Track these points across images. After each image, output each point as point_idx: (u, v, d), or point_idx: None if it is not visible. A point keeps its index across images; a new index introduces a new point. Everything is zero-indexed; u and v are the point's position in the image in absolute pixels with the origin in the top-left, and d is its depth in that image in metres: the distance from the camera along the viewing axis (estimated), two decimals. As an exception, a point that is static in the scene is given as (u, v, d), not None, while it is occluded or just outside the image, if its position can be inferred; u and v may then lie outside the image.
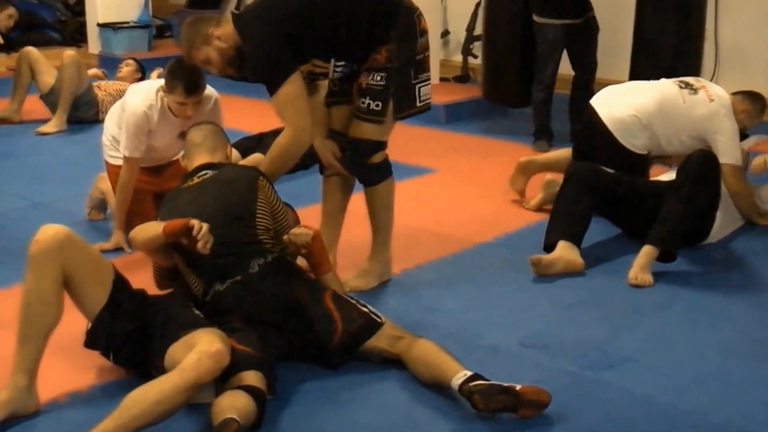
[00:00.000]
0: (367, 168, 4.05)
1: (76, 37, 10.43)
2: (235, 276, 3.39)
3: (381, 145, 4.03)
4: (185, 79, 4.24)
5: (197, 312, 3.29)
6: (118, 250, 4.55)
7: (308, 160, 5.75)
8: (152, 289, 3.59)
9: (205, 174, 3.68)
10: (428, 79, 4.08)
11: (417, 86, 4.02)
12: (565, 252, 4.25)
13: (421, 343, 3.27)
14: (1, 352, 3.22)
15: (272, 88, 3.73)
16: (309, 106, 3.81)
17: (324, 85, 4.11)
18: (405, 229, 4.73)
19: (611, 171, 4.57)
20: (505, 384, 3.00)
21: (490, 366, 3.27)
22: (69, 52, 7.19)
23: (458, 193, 5.64)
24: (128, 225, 4.50)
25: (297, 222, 3.94)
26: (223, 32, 3.81)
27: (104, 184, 4.95)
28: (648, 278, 4.12)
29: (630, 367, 3.43)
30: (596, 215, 4.57)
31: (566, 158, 5.07)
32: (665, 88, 4.81)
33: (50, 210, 5.25)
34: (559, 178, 4.82)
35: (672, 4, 5.96)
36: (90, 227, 4.94)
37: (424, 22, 4.01)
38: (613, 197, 4.51)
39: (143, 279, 3.67)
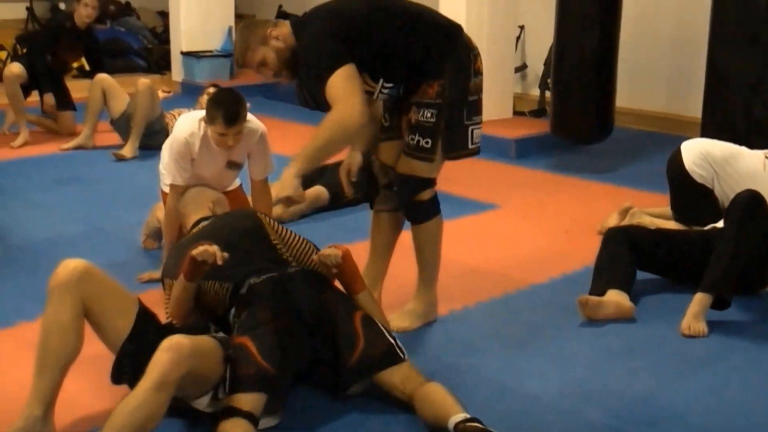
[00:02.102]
0: (414, 205, 3.95)
1: (161, 64, 10.59)
2: (271, 272, 3.42)
3: (430, 183, 3.93)
4: (226, 109, 4.26)
5: (219, 334, 3.31)
6: (166, 279, 4.55)
7: (359, 195, 5.76)
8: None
9: (199, 225, 3.87)
10: (480, 123, 3.95)
11: (470, 128, 3.90)
12: (614, 296, 4.11)
13: (430, 385, 3.20)
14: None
15: (325, 75, 3.57)
16: (358, 89, 3.61)
17: (379, 103, 4.03)
18: (459, 267, 4.64)
19: (653, 228, 4.58)
20: None
21: (526, 414, 3.17)
22: (144, 80, 7.29)
23: (519, 230, 5.51)
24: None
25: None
26: (280, 32, 3.76)
27: (161, 212, 4.97)
28: (702, 328, 3.95)
29: (674, 424, 3.25)
30: (645, 272, 4.46)
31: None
32: (753, 153, 4.85)
33: (108, 236, 5.30)
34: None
35: (744, 38, 5.76)
36: (144, 255, 4.95)
37: (480, 63, 3.91)
38: (655, 252, 4.41)
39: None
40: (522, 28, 9.28)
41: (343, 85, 3.56)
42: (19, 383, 3.10)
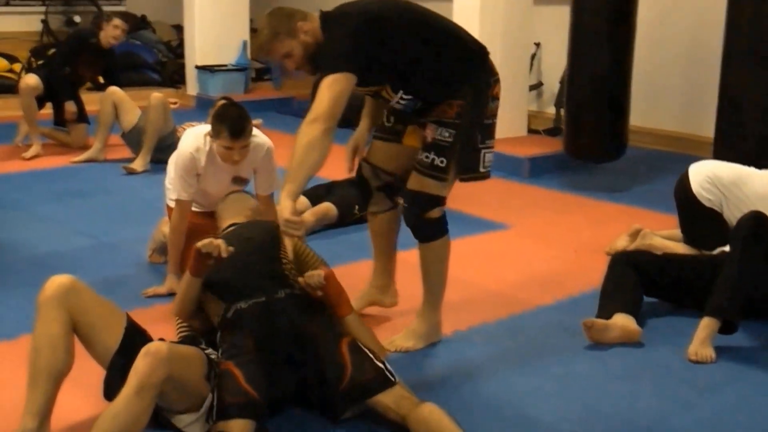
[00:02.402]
0: (423, 223, 3.88)
1: (176, 78, 10.60)
2: (259, 297, 3.41)
3: (440, 201, 3.86)
4: (231, 123, 4.24)
5: (208, 350, 3.30)
6: (171, 295, 4.51)
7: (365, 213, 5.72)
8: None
9: (228, 229, 3.87)
10: (493, 147, 3.93)
11: (482, 151, 3.86)
12: (620, 319, 4.05)
13: (426, 406, 3.14)
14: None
15: (327, 71, 3.51)
16: (341, 110, 3.51)
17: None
18: (465, 287, 4.59)
19: (659, 253, 4.54)
20: None
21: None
22: (156, 94, 7.29)
23: (528, 250, 5.45)
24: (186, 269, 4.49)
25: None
26: (310, 27, 3.67)
27: (168, 227, 4.94)
28: (709, 354, 3.87)
29: (678, 452, 3.20)
30: (651, 297, 4.41)
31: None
32: (763, 174, 4.79)
33: (113, 250, 5.28)
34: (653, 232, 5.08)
35: (758, 59, 5.70)
36: (149, 270, 4.93)
37: (498, 89, 3.87)
38: (661, 278, 4.35)
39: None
40: (538, 45, 9.25)
41: (331, 92, 3.45)
42: (19, 395, 3.09)
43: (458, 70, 3.77)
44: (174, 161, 4.59)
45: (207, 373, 3.13)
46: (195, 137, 4.51)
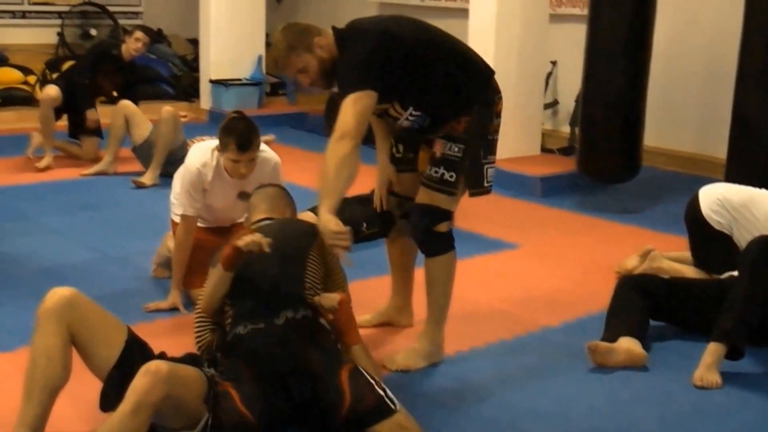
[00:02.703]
0: (432, 236, 3.88)
1: (189, 92, 10.59)
2: (258, 323, 3.35)
3: (448, 215, 3.88)
4: (238, 135, 4.22)
5: (209, 370, 3.25)
6: (173, 310, 4.48)
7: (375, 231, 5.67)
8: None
9: (262, 223, 3.75)
10: (494, 162, 3.95)
11: (485, 166, 3.88)
12: (625, 342, 3.98)
13: None
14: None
15: (348, 89, 3.56)
16: (366, 126, 3.60)
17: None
18: (469, 307, 4.54)
19: (666, 277, 4.47)
20: None
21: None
22: (167, 108, 7.28)
23: (535, 271, 5.39)
24: (191, 285, 4.45)
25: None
26: (325, 42, 3.71)
27: (172, 242, 4.92)
28: (715, 380, 3.80)
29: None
30: (658, 321, 4.34)
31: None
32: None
33: (118, 264, 5.25)
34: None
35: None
36: (153, 284, 4.89)
37: (501, 107, 3.94)
38: (668, 302, 4.29)
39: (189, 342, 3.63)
40: (554, 63, 9.20)
41: (355, 109, 3.52)
42: (15, 408, 3.05)
43: (468, 88, 3.81)
44: (180, 176, 4.56)
45: (206, 393, 3.08)
46: (202, 152, 4.47)
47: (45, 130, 7.59)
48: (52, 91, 7.58)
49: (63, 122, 7.86)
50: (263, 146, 4.47)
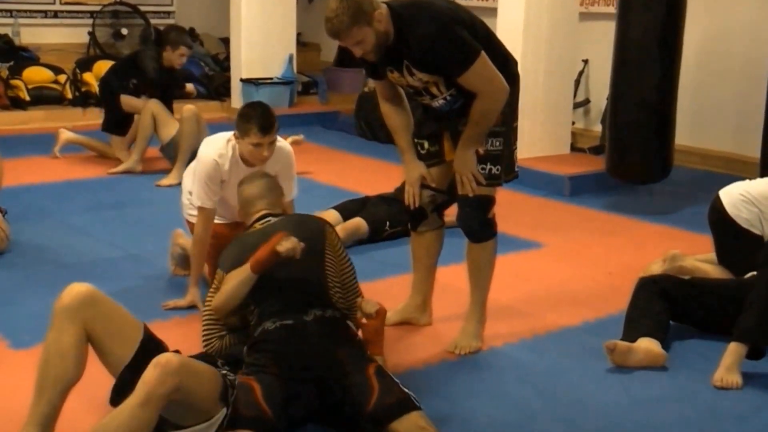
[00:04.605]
0: (486, 223, 4.03)
1: (221, 91, 10.58)
2: (287, 319, 3.36)
3: (494, 201, 4.04)
4: (259, 119, 4.22)
5: (225, 371, 3.20)
6: (191, 308, 4.45)
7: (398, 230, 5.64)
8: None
9: (269, 220, 3.77)
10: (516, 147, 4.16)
11: (515, 152, 4.11)
12: (644, 343, 3.91)
13: None
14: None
15: (468, 63, 3.70)
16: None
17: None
18: (490, 307, 4.43)
19: (686, 278, 4.39)
20: None
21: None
22: (189, 107, 7.26)
23: (559, 271, 5.31)
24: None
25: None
26: (382, 15, 3.71)
27: (183, 239, 4.92)
28: (735, 380, 3.72)
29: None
30: (677, 322, 4.27)
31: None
32: None
33: (139, 262, 5.24)
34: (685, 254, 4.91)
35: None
36: (172, 283, 4.88)
37: (519, 93, 4.07)
38: (688, 304, 4.22)
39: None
40: (586, 62, 9.10)
41: (487, 71, 3.72)
42: (27, 405, 3.05)
43: (505, 75, 3.85)
44: (193, 171, 4.54)
45: (222, 391, 3.05)
46: (216, 144, 4.46)
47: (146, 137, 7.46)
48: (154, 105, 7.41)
49: (86, 121, 7.80)
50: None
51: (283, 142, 4.51)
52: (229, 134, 4.41)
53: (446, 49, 3.70)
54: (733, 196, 4.67)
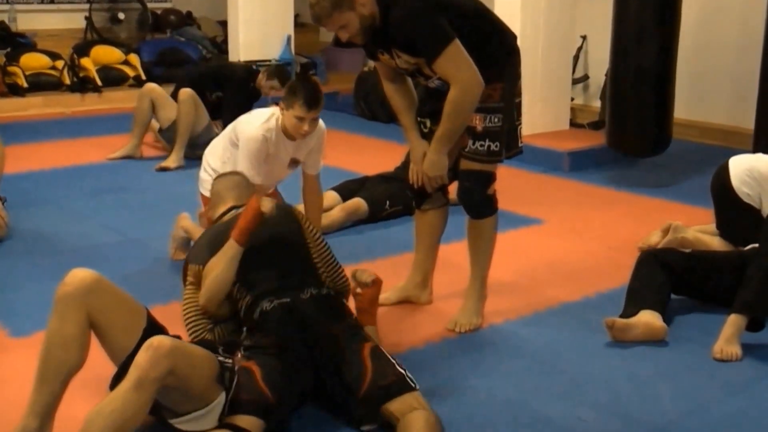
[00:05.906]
0: (486, 199, 4.03)
1: (219, 74, 10.54)
2: (284, 297, 3.36)
3: (495, 176, 4.04)
4: (307, 93, 4.42)
5: (223, 357, 3.17)
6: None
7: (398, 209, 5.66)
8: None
9: (235, 211, 3.77)
10: (521, 123, 4.13)
11: (518, 127, 4.09)
12: (645, 316, 3.91)
13: (417, 414, 3.03)
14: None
15: (439, 49, 3.67)
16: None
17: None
18: (490, 283, 4.44)
19: (686, 251, 4.37)
20: None
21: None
22: (185, 89, 7.22)
23: (559, 246, 5.31)
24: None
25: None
26: (366, 0, 3.72)
27: (186, 222, 4.93)
28: (735, 351, 3.72)
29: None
30: (679, 295, 4.27)
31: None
32: None
33: (140, 247, 5.24)
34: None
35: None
36: (172, 266, 4.86)
37: (520, 68, 4.06)
38: (689, 276, 4.21)
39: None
40: (584, 38, 9.08)
41: (461, 58, 3.68)
42: (27, 393, 3.03)
43: (502, 53, 3.91)
44: (226, 152, 4.72)
45: (218, 375, 3.03)
46: (261, 119, 4.66)
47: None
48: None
49: (85, 107, 7.81)
50: None
51: (320, 121, 4.69)
52: (271, 110, 4.61)
53: (417, 33, 3.69)
54: (739, 168, 4.69)
